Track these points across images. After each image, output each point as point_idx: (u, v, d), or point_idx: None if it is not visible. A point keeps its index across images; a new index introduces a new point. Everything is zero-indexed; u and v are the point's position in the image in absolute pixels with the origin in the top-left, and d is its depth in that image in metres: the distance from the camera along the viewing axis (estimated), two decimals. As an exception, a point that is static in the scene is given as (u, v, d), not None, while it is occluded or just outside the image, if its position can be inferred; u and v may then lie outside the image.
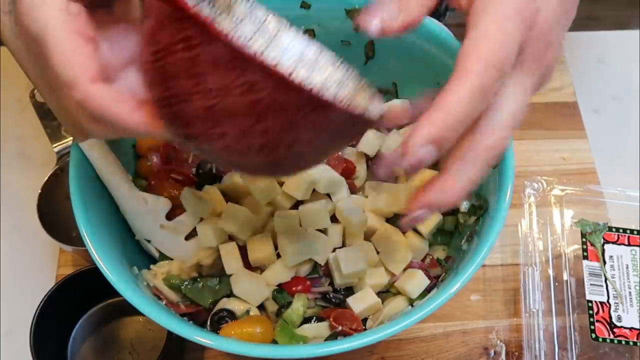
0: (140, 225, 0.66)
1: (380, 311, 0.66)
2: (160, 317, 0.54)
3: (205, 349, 0.75)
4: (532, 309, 0.75)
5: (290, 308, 0.64)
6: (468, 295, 0.80)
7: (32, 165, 0.89)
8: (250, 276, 0.65)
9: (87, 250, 0.56)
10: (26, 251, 0.82)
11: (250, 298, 0.65)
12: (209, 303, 0.65)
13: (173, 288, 0.65)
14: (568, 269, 0.77)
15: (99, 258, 0.56)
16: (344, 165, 0.72)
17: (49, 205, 0.76)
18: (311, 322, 0.64)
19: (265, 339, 0.62)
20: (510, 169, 0.60)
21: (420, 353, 0.76)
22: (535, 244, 0.79)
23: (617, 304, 0.75)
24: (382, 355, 0.76)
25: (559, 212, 0.81)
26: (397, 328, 0.53)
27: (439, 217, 0.70)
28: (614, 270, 0.77)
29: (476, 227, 0.65)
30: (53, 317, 0.69)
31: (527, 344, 0.74)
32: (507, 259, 0.83)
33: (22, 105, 0.86)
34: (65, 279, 0.70)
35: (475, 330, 0.78)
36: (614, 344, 0.73)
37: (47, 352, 0.68)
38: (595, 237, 0.78)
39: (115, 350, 0.73)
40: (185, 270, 0.67)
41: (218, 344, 0.53)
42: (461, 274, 0.56)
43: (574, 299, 0.76)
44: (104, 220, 0.62)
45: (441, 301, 0.54)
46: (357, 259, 0.65)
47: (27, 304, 0.69)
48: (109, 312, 0.75)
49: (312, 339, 0.64)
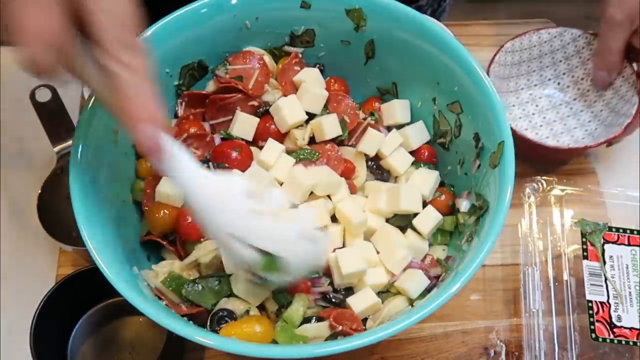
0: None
1: (380, 311, 0.66)
2: (161, 317, 0.54)
3: (205, 349, 0.75)
4: (532, 309, 0.75)
5: (290, 308, 0.64)
6: (468, 295, 0.80)
7: (32, 165, 0.89)
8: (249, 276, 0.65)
9: (87, 250, 0.56)
10: (26, 251, 0.82)
11: (250, 298, 0.65)
12: (211, 305, 0.65)
13: (174, 290, 0.65)
14: (568, 269, 0.78)
15: (99, 258, 0.56)
16: (344, 165, 0.72)
17: (49, 205, 0.76)
18: (311, 322, 0.64)
19: (265, 339, 0.62)
20: (510, 169, 0.60)
21: (420, 353, 0.76)
22: (535, 244, 0.79)
23: (617, 304, 0.75)
24: (382, 355, 0.76)
25: (559, 212, 0.81)
26: (397, 328, 0.53)
27: (439, 218, 0.70)
28: (614, 270, 0.77)
29: (476, 227, 0.65)
30: (53, 317, 0.69)
31: (527, 344, 0.74)
32: (507, 259, 0.83)
33: (22, 105, 0.86)
34: (65, 279, 0.70)
35: (475, 330, 0.78)
36: (614, 344, 0.73)
37: (47, 352, 0.68)
38: (595, 237, 0.78)
39: (115, 350, 0.73)
40: (185, 269, 0.67)
41: (218, 344, 0.53)
42: (461, 274, 0.56)
43: (574, 299, 0.76)
44: (104, 220, 0.62)
45: (441, 301, 0.54)
46: (357, 259, 0.65)
47: (27, 304, 0.69)
48: (109, 312, 0.75)
49: (312, 339, 0.64)
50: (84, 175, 0.60)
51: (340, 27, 0.73)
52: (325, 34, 0.75)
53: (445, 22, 1.08)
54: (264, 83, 0.75)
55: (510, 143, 0.61)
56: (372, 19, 0.71)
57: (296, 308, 0.64)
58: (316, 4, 0.72)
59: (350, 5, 0.71)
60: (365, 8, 0.71)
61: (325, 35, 0.75)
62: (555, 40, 0.91)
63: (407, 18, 0.69)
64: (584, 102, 0.92)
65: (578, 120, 0.92)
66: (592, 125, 0.90)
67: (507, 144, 0.61)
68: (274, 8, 0.73)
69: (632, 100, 0.84)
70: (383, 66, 0.76)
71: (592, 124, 0.90)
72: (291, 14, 0.73)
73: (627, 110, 0.84)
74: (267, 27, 0.74)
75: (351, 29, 0.73)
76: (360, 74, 0.78)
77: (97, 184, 0.63)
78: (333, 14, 0.72)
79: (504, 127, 0.62)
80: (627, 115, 0.83)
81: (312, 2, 0.72)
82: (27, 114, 0.82)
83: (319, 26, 0.74)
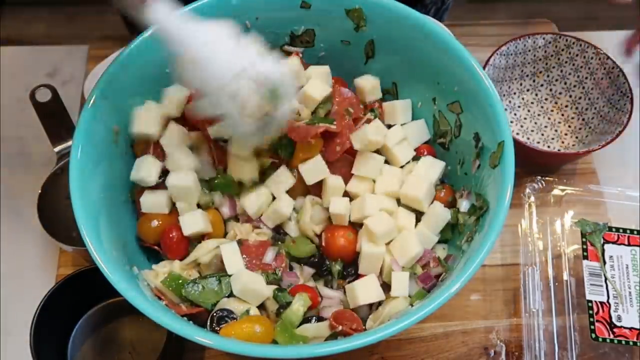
0: None
1: (380, 311, 0.66)
2: (161, 317, 0.54)
3: (205, 349, 0.75)
4: (532, 309, 0.75)
5: (290, 309, 0.64)
6: (468, 295, 0.80)
7: (32, 165, 0.89)
8: (250, 276, 0.65)
9: (87, 250, 0.56)
10: (26, 251, 0.82)
11: (250, 298, 0.65)
12: (211, 305, 0.65)
13: (174, 290, 0.65)
14: (568, 269, 0.78)
15: (99, 258, 0.56)
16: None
17: (49, 205, 0.76)
18: (311, 321, 0.64)
19: (265, 339, 0.62)
20: (510, 169, 0.60)
21: (420, 353, 0.77)
22: (535, 244, 0.79)
23: (617, 304, 0.75)
24: (382, 355, 0.76)
25: (559, 212, 0.81)
26: (397, 328, 0.53)
27: (447, 216, 0.70)
28: (614, 270, 0.77)
29: (476, 227, 0.65)
30: (53, 317, 0.69)
31: (527, 344, 0.74)
32: (507, 259, 0.83)
33: (22, 105, 0.86)
34: (65, 279, 0.70)
35: (475, 330, 0.78)
36: (614, 344, 0.73)
37: (47, 352, 0.68)
38: (595, 237, 0.78)
39: (115, 350, 0.73)
40: (185, 269, 0.67)
41: (218, 344, 0.53)
42: (461, 274, 0.56)
43: (574, 299, 0.76)
44: (104, 221, 0.62)
45: (441, 301, 0.54)
46: (373, 290, 0.65)
47: (27, 304, 0.69)
48: (109, 312, 0.75)
49: (312, 338, 0.64)
50: (84, 175, 0.61)
51: (340, 27, 0.73)
52: (325, 34, 0.75)
53: (446, 22, 1.08)
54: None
55: (510, 143, 0.61)
56: (372, 19, 0.72)
57: (295, 309, 0.64)
58: (316, 4, 0.72)
59: (350, 5, 0.71)
60: (365, 8, 0.71)
61: (325, 35, 0.75)
62: (549, 47, 0.91)
63: (407, 18, 0.69)
64: (575, 109, 0.93)
65: (569, 127, 0.92)
66: (583, 132, 0.91)
67: (507, 144, 0.61)
68: (274, 8, 0.73)
69: (624, 109, 0.84)
70: (383, 66, 0.76)
71: (583, 131, 0.91)
72: (291, 14, 0.73)
73: (619, 119, 0.84)
74: (267, 27, 0.74)
75: (351, 29, 0.73)
76: (360, 74, 0.78)
77: (97, 184, 0.63)
78: (333, 14, 0.72)
79: (504, 127, 0.62)
80: (620, 124, 0.83)
81: (312, 2, 0.72)
82: (27, 114, 0.82)
83: (319, 26, 0.74)
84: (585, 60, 0.90)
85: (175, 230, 0.67)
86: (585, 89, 0.91)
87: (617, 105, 0.86)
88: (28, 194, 0.79)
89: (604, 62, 0.88)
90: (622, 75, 0.86)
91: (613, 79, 0.87)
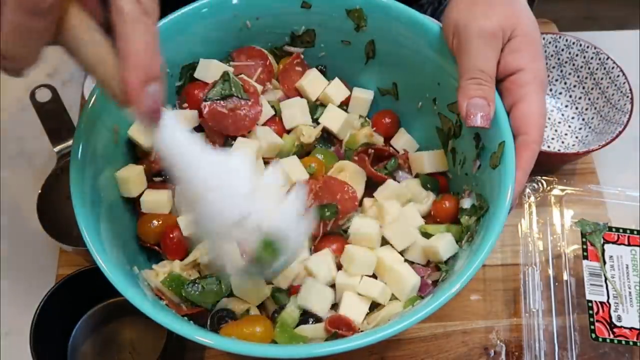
0: None
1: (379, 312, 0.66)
2: (161, 317, 0.54)
3: (205, 348, 0.75)
4: (532, 309, 0.75)
5: (285, 311, 0.64)
6: (468, 295, 0.80)
7: (32, 165, 0.89)
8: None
9: (87, 250, 0.56)
10: (26, 251, 0.82)
11: (250, 298, 0.65)
12: (211, 305, 0.65)
13: (174, 290, 0.65)
14: (568, 269, 0.78)
15: (99, 258, 0.56)
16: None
17: (49, 205, 0.76)
18: (308, 322, 0.64)
19: (265, 338, 0.62)
20: (510, 169, 0.60)
21: (420, 353, 0.77)
22: (535, 244, 0.79)
23: (617, 304, 0.75)
24: (382, 355, 0.76)
25: (559, 212, 0.81)
26: (396, 328, 0.53)
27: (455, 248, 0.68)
28: (614, 270, 0.77)
29: (476, 227, 0.65)
30: (53, 317, 0.69)
31: (527, 344, 0.74)
32: (507, 259, 0.83)
33: (22, 105, 0.86)
34: (65, 279, 0.70)
35: (475, 330, 0.78)
36: (614, 344, 0.73)
37: (47, 352, 0.68)
38: (595, 237, 0.78)
39: (115, 350, 0.73)
40: (185, 269, 0.67)
41: (218, 344, 0.53)
42: (461, 274, 0.56)
43: (574, 299, 0.76)
44: (104, 221, 0.62)
45: (441, 301, 0.54)
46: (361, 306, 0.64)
47: (27, 304, 0.69)
48: (109, 312, 0.75)
49: (311, 339, 0.64)
50: (84, 175, 0.60)
51: (341, 27, 0.73)
52: (326, 34, 0.75)
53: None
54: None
55: (510, 143, 0.61)
56: (373, 19, 0.71)
57: (290, 310, 0.64)
58: (317, 4, 0.72)
59: (350, 5, 0.71)
60: (366, 8, 0.71)
61: (326, 36, 0.75)
62: (549, 47, 0.91)
63: (407, 18, 0.69)
64: (575, 109, 0.93)
65: (569, 127, 0.92)
66: (583, 132, 0.91)
67: (507, 144, 0.61)
68: (274, 8, 0.73)
69: (624, 109, 0.84)
70: (383, 66, 0.76)
71: (583, 130, 0.91)
72: (291, 14, 0.73)
73: (619, 119, 0.84)
74: (267, 27, 0.74)
75: (352, 29, 0.73)
76: (360, 75, 0.78)
77: (97, 184, 0.63)
78: (333, 14, 0.72)
79: (505, 127, 0.62)
80: (620, 124, 0.83)
81: (312, 2, 0.72)
82: (27, 114, 0.82)
83: (319, 26, 0.74)
84: (585, 60, 0.90)
85: (175, 231, 0.67)
86: (585, 89, 0.91)
87: (617, 105, 0.86)
88: (28, 194, 0.79)
89: (604, 62, 0.88)
90: (622, 75, 0.86)
91: (613, 79, 0.87)
